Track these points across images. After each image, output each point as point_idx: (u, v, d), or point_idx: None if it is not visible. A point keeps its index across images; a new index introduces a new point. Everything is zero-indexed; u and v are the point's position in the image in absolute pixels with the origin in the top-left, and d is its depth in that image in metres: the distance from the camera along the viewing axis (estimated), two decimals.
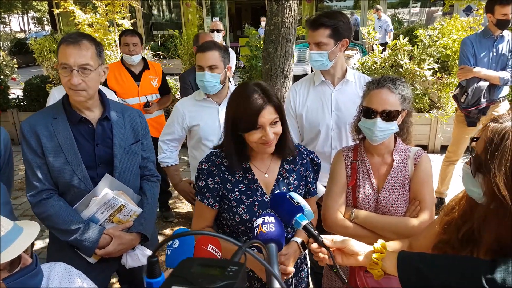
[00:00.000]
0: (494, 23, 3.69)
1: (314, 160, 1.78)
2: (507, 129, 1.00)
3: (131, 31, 3.83)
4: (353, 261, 1.28)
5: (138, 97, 3.69)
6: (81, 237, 1.74)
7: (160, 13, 15.12)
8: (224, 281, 0.60)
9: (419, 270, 1.11)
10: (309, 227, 1.23)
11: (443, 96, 5.50)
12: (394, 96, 1.71)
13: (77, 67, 1.67)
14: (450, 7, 7.79)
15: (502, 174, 0.98)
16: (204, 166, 1.66)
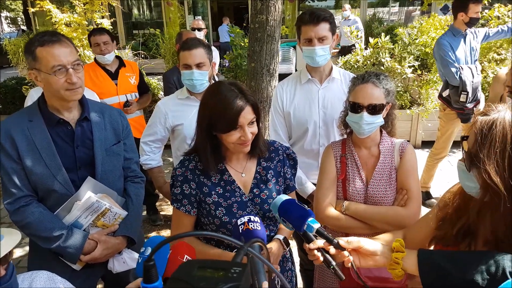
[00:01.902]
0: (467, 22, 3.77)
1: (290, 155, 1.78)
2: (495, 119, 1.04)
3: (99, 29, 3.70)
4: (371, 262, 1.24)
5: (117, 96, 3.60)
6: (64, 244, 1.67)
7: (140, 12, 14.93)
8: (227, 283, 0.58)
9: (441, 267, 1.10)
10: (322, 230, 1.22)
11: (423, 93, 5.61)
12: (379, 90, 1.76)
13: (71, 65, 1.62)
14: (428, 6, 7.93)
15: (493, 161, 1.01)
16: (178, 172, 1.62)
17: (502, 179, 1.01)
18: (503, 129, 1.02)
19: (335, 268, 1.20)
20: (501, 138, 1.01)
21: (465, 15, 3.78)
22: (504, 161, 1.01)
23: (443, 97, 4.01)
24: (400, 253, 1.20)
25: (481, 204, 1.10)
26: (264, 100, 3.46)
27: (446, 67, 3.85)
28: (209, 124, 1.52)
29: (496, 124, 1.03)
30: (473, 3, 3.71)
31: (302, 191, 2.35)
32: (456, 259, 1.09)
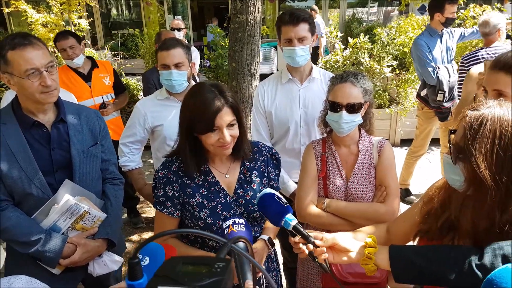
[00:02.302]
0: (443, 22, 3.87)
1: (274, 155, 1.78)
2: (485, 115, 1.07)
3: (63, 33, 3.50)
4: (345, 258, 1.27)
5: (92, 98, 3.48)
6: (43, 248, 1.63)
7: (119, 12, 14.71)
8: (211, 278, 0.58)
9: (412, 262, 1.13)
10: (299, 227, 1.23)
11: (402, 92, 5.72)
12: (357, 89, 1.80)
13: (44, 68, 1.59)
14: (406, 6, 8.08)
15: (483, 156, 1.04)
16: (160, 174, 1.60)
17: (490, 173, 1.04)
18: (493, 125, 1.05)
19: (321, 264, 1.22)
20: (491, 133, 1.04)
21: (441, 16, 3.87)
22: (493, 156, 1.04)
23: (421, 96, 4.09)
24: (372, 248, 1.23)
25: (463, 198, 1.13)
26: (245, 100, 3.46)
27: (424, 67, 3.93)
28: (188, 125, 1.50)
29: (487, 119, 1.06)
30: (449, 4, 3.81)
31: (285, 190, 2.36)
32: (426, 254, 1.13)
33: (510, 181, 1.03)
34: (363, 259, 1.23)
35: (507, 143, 1.02)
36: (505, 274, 0.82)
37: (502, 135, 1.03)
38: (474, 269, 1.03)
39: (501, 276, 0.82)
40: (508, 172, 1.03)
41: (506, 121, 1.04)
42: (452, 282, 1.07)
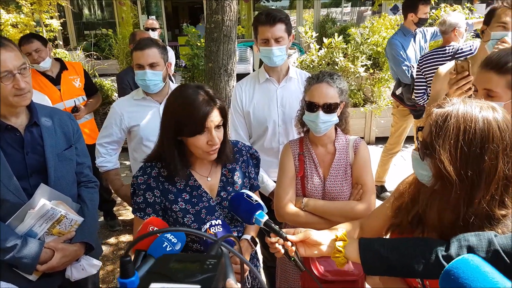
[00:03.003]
0: (416, 22, 3.98)
1: (253, 154, 1.79)
2: (449, 111, 1.10)
3: (27, 37, 3.31)
4: (317, 252, 1.30)
5: (62, 102, 3.35)
6: (19, 254, 1.59)
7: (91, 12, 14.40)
8: (204, 274, 0.60)
9: (381, 255, 1.16)
10: (270, 223, 1.25)
11: (376, 91, 5.84)
12: (333, 89, 1.83)
13: (17, 70, 1.54)
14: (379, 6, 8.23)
15: (447, 152, 1.07)
16: (139, 180, 1.55)
17: (454, 168, 1.07)
18: (457, 122, 1.07)
19: (295, 260, 1.24)
20: (455, 130, 1.07)
21: (415, 16, 3.98)
22: (457, 152, 1.07)
23: (396, 95, 4.19)
24: (342, 241, 1.26)
25: (431, 192, 1.17)
26: (222, 100, 3.46)
27: (398, 66, 4.03)
28: (175, 128, 1.47)
29: (450, 116, 1.09)
30: (422, 4, 3.93)
31: (264, 189, 2.38)
32: (394, 246, 1.16)
33: (475, 175, 1.07)
34: (333, 252, 1.26)
35: (471, 138, 1.06)
36: (462, 264, 0.85)
37: (466, 131, 1.06)
38: (440, 260, 1.07)
39: (458, 266, 0.85)
40: (472, 166, 1.06)
41: (469, 117, 1.07)
42: (420, 273, 1.11)
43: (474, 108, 1.09)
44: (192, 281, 0.58)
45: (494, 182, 1.07)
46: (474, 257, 0.86)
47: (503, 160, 1.07)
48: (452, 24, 3.50)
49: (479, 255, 1.02)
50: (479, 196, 1.08)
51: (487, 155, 1.05)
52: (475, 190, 1.08)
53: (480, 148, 1.06)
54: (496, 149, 1.06)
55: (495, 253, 1.01)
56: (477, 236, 1.06)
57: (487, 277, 0.80)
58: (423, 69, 3.53)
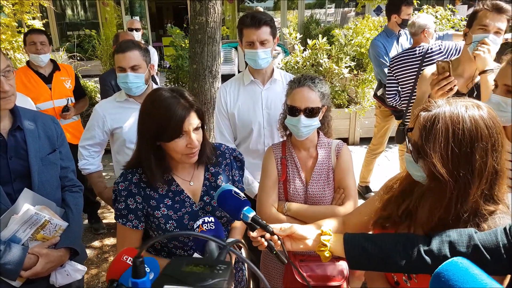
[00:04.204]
0: (399, 23, 4.06)
1: (237, 157, 1.78)
2: (437, 114, 1.13)
3: (37, 29, 3.62)
4: (302, 246, 1.33)
5: (52, 100, 3.43)
6: (2, 261, 1.56)
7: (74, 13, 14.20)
8: (214, 279, 0.62)
9: (365, 249, 1.19)
10: (257, 218, 1.27)
11: (360, 92, 5.90)
12: (314, 93, 1.83)
13: (2, 73, 1.53)
14: (362, 8, 8.32)
15: (438, 154, 1.10)
16: (121, 186, 1.53)
17: (447, 170, 1.10)
18: (445, 124, 1.10)
19: (277, 253, 1.26)
20: (444, 132, 1.10)
21: (398, 17, 4.05)
22: (448, 153, 1.10)
23: (378, 96, 4.25)
24: (327, 236, 1.29)
25: (425, 190, 1.20)
26: (207, 102, 3.46)
27: (379, 67, 4.09)
28: (153, 134, 1.45)
29: (438, 119, 1.12)
30: (405, 6, 4.01)
31: (249, 191, 2.39)
32: (377, 241, 1.20)
33: (468, 173, 1.10)
34: (318, 246, 1.29)
35: (461, 139, 1.09)
36: (452, 267, 0.87)
37: (455, 132, 1.09)
38: (422, 255, 1.11)
39: (448, 269, 0.87)
40: (464, 166, 1.10)
41: (456, 118, 1.10)
42: (402, 267, 1.15)
43: (460, 108, 1.12)
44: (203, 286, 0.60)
45: (484, 177, 1.11)
46: (463, 260, 0.89)
47: (492, 156, 1.11)
48: (421, 26, 3.57)
49: (460, 250, 1.06)
50: (473, 193, 1.12)
51: (477, 153, 1.09)
52: (469, 187, 1.11)
53: (470, 147, 1.09)
54: (485, 146, 1.10)
55: (475, 248, 1.06)
56: (457, 232, 1.11)
57: (476, 279, 0.83)
58: (394, 71, 3.59)
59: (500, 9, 2.12)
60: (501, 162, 1.13)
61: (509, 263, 1.03)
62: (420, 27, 3.56)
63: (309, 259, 1.86)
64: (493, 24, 2.12)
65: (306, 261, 1.85)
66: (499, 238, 1.05)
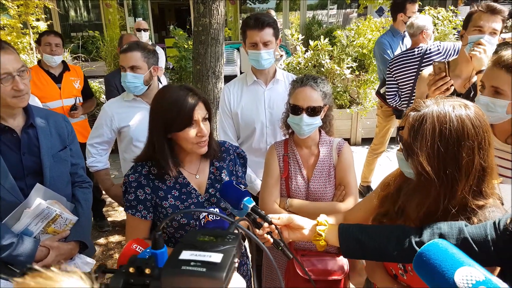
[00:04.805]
0: (406, 21, 4.09)
1: (240, 154, 1.85)
2: (424, 114, 1.18)
3: (53, 31, 3.74)
4: (299, 235, 1.40)
5: (61, 99, 3.54)
6: (15, 252, 1.63)
7: (78, 14, 14.30)
8: (225, 245, 0.73)
9: (358, 239, 1.26)
10: (256, 208, 1.34)
11: (362, 92, 5.95)
12: (317, 93, 1.89)
13: (17, 72, 1.60)
14: (364, 9, 8.38)
15: (424, 153, 1.16)
16: (131, 178, 1.62)
17: (433, 168, 1.15)
18: (432, 124, 1.15)
19: (283, 249, 1.33)
20: (431, 132, 1.14)
21: (404, 15, 4.11)
22: (434, 152, 1.15)
23: (380, 93, 4.30)
24: (323, 226, 1.36)
25: (414, 186, 1.25)
26: (211, 102, 3.52)
27: (384, 64, 4.14)
28: (165, 126, 1.54)
29: (425, 119, 1.16)
30: (409, 4, 4.08)
31: (252, 188, 2.45)
32: (371, 232, 1.27)
33: (455, 171, 1.15)
34: (314, 236, 1.36)
35: (447, 138, 1.14)
36: (433, 247, 0.95)
37: (442, 132, 1.14)
38: (413, 246, 1.17)
39: (430, 249, 0.95)
40: (451, 164, 1.15)
41: (443, 117, 1.15)
42: (394, 257, 1.22)
43: (447, 108, 1.16)
44: (216, 251, 0.71)
45: (471, 174, 1.16)
46: (443, 241, 0.96)
47: (479, 153, 1.15)
48: (420, 27, 3.61)
49: (450, 242, 1.12)
50: (460, 189, 1.16)
51: (464, 151, 1.14)
52: (456, 184, 1.16)
53: (457, 146, 1.14)
54: (472, 145, 1.14)
55: (465, 240, 1.11)
56: (448, 225, 1.16)
57: (454, 257, 0.90)
58: (393, 72, 3.63)
59: (493, 10, 2.17)
60: (488, 159, 1.17)
61: (497, 255, 1.08)
62: (419, 28, 3.61)
63: (310, 254, 1.91)
64: (488, 25, 2.17)
65: (308, 256, 1.91)
66: (488, 231, 1.10)
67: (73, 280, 0.41)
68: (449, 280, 0.87)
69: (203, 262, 0.68)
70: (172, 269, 0.68)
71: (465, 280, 0.85)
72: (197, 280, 0.66)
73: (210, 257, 0.69)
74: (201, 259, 0.69)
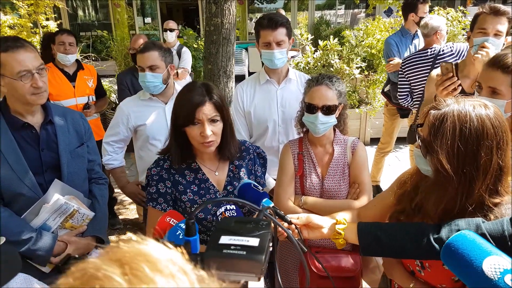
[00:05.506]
0: (417, 21, 4.09)
1: (260, 154, 1.88)
2: (445, 113, 1.19)
3: (67, 30, 3.78)
4: (318, 234, 1.41)
5: (75, 98, 3.58)
6: (34, 247, 1.67)
7: (86, 14, 14.43)
8: (260, 231, 0.78)
9: (377, 237, 1.27)
10: (275, 208, 1.35)
11: (371, 92, 5.95)
12: (332, 92, 1.90)
13: (36, 70, 1.64)
14: (373, 9, 8.35)
15: (444, 152, 1.17)
16: (153, 172, 1.67)
17: (452, 167, 1.17)
18: (453, 123, 1.16)
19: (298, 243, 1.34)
20: (451, 131, 1.16)
21: (415, 15, 4.11)
22: (454, 151, 1.16)
23: (385, 92, 4.31)
24: (342, 225, 1.37)
25: (430, 185, 1.27)
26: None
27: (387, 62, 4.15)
28: (174, 118, 1.60)
29: (446, 118, 1.17)
30: (421, 3, 4.07)
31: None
32: (389, 229, 1.29)
33: (473, 170, 1.17)
34: (333, 234, 1.38)
35: (467, 137, 1.15)
36: (460, 238, 0.98)
37: (462, 130, 1.15)
38: (432, 242, 1.18)
39: (458, 240, 0.98)
40: (470, 162, 1.16)
41: (464, 117, 1.16)
42: (412, 254, 1.23)
43: (468, 107, 1.17)
44: (253, 235, 0.76)
45: (489, 173, 1.17)
46: (470, 232, 0.99)
47: (497, 153, 1.17)
48: (434, 28, 3.60)
49: None
50: (477, 188, 1.18)
51: (483, 151, 1.15)
52: (474, 183, 1.17)
53: (476, 145, 1.15)
54: (490, 144, 1.15)
55: (482, 236, 1.12)
56: (466, 221, 1.18)
57: (481, 247, 0.94)
58: (406, 72, 3.63)
59: (497, 12, 2.18)
60: (505, 159, 1.19)
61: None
62: (433, 28, 3.60)
63: (324, 251, 1.92)
64: (492, 27, 2.18)
65: (321, 252, 1.92)
66: (505, 227, 1.12)
67: (160, 246, 0.45)
68: (477, 268, 0.90)
69: (242, 246, 0.74)
70: (215, 251, 0.73)
71: (493, 268, 0.88)
72: (239, 262, 0.72)
73: (248, 241, 0.75)
74: (240, 243, 0.74)
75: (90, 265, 0.42)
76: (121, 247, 0.45)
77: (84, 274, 0.42)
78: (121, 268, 0.41)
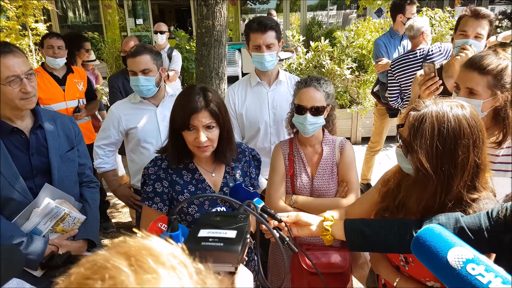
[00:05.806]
0: (405, 22, 4.13)
1: (255, 156, 1.91)
2: (424, 113, 1.24)
3: (55, 33, 3.73)
4: (307, 231, 1.45)
5: (65, 101, 3.54)
6: (25, 251, 1.67)
7: (76, 15, 14.33)
8: (238, 224, 0.82)
9: (362, 232, 1.33)
10: (266, 208, 1.39)
11: (361, 92, 6.01)
12: (320, 93, 1.95)
13: (25, 75, 1.64)
14: (363, 10, 8.43)
15: (424, 151, 1.22)
16: (150, 171, 1.68)
17: (431, 165, 1.21)
18: (431, 123, 1.21)
19: (288, 243, 1.37)
20: (430, 131, 1.20)
21: (403, 16, 4.16)
22: (433, 150, 1.20)
23: (374, 92, 4.36)
24: (329, 221, 1.42)
25: (411, 182, 1.32)
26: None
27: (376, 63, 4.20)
28: (171, 120, 1.62)
29: (425, 118, 1.22)
30: (408, 5, 4.12)
31: None
32: (374, 225, 1.34)
33: (451, 167, 1.22)
34: (321, 231, 1.42)
35: (445, 137, 1.20)
36: (428, 231, 1.05)
37: (440, 130, 1.20)
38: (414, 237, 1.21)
39: (425, 233, 1.05)
40: (448, 161, 1.21)
41: (442, 117, 1.21)
42: (396, 248, 1.29)
43: (445, 108, 1.23)
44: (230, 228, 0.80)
45: (467, 170, 1.22)
46: (437, 226, 1.07)
47: (474, 151, 1.22)
48: (420, 29, 3.65)
49: None
50: (455, 184, 1.23)
51: (460, 149, 1.20)
52: (452, 180, 1.23)
53: (453, 144, 1.20)
54: (467, 143, 1.20)
55: (461, 229, 1.18)
56: (446, 216, 1.23)
57: (446, 240, 1.02)
58: (395, 73, 3.67)
59: (478, 15, 2.23)
60: (482, 156, 1.24)
61: (490, 242, 1.16)
62: (419, 30, 3.65)
63: (314, 248, 1.96)
64: (472, 30, 2.24)
65: (312, 250, 1.95)
66: (482, 220, 1.17)
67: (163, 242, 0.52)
68: (442, 259, 0.97)
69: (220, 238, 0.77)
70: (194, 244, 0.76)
71: (456, 258, 0.95)
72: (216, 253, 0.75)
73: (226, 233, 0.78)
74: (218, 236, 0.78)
75: (99, 257, 0.47)
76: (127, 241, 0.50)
77: (94, 264, 0.46)
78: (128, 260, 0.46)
